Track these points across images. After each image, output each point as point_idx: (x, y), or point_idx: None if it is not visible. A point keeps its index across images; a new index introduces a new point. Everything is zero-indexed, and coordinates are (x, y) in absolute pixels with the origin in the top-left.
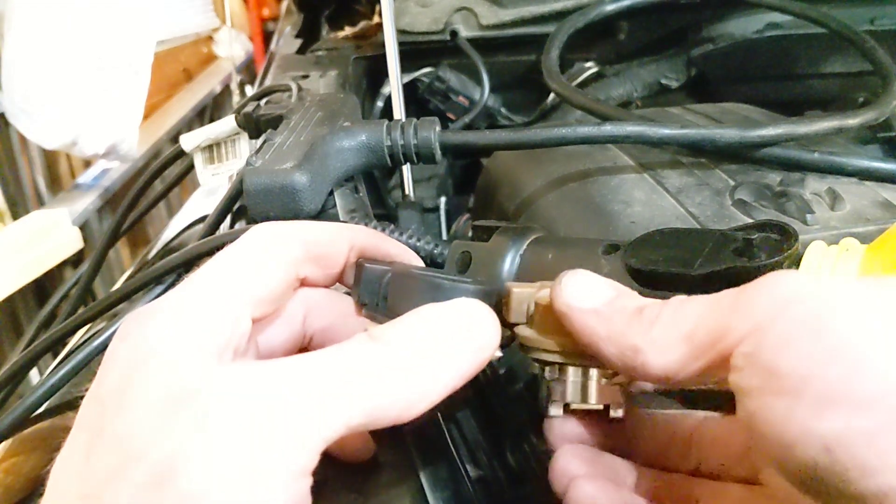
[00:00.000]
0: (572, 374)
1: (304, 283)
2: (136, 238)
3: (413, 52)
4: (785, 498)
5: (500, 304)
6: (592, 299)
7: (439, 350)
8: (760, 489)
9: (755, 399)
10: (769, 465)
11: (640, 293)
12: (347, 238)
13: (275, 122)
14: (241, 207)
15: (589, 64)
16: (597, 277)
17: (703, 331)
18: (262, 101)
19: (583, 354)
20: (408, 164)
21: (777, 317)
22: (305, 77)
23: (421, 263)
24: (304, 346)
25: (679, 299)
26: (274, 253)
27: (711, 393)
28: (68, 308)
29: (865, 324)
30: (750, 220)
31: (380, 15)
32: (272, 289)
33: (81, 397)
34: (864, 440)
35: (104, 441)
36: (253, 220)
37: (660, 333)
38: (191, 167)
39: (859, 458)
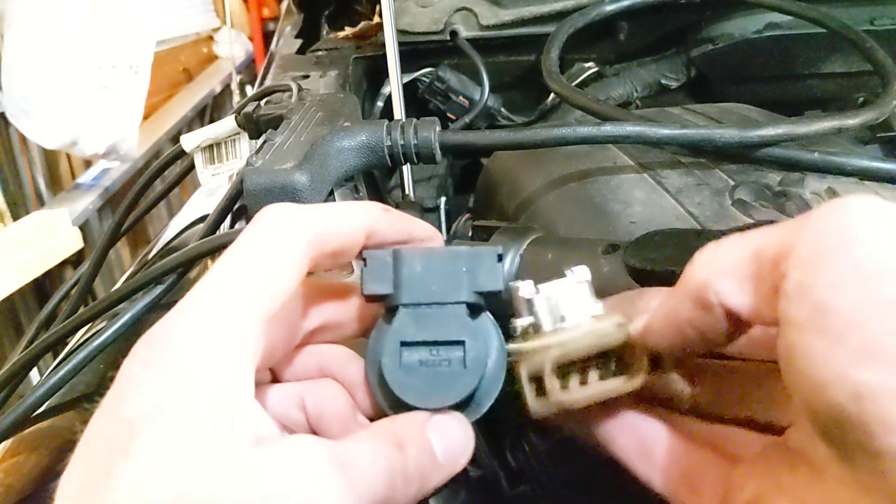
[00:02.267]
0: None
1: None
2: (136, 238)
3: (413, 52)
4: (803, 452)
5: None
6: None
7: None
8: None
9: (797, 332)
10: (796, 401)
11: None
12: (364, 226)
13: (275, 122)
14: (242, 207)
15: (589, 64)
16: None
17: (769, 249)
18: (263, 101)
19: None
20: (408, 164)
21: (836, 252)
22: (305, 77)
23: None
24: (306, 341)
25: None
26: (286, 261)
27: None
28: (68, 308)
29: None
30: (750, 220)
31: (380, 15)
32: (283, 298)
33: (80, 399)
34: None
35: (132, 463)
36: None
37: (724, 259)
38: (191, 167)
39: (887, 414)
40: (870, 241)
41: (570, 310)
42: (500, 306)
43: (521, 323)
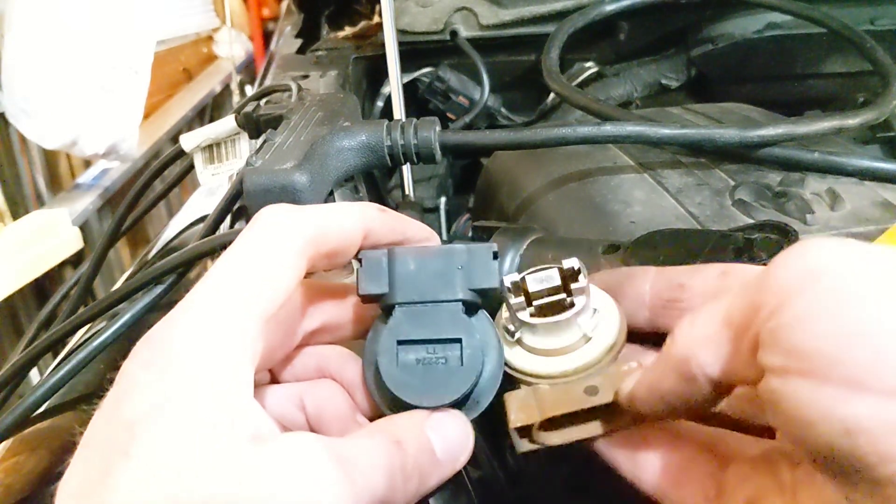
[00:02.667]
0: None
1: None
2: (136, 238)
3: (413, 52)
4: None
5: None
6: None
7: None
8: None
9: (777, 378)
10: (789, 441)
11: None
12: (361, 227)
13: (275, 122)
14: (241, 207)
15: (589, 64)
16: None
17: (738, 312)
18: (262, 101)
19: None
20: (408, 164)
21: (801, 291)
22: (305, 77)
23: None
24: (305, 342)
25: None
26: (284, 262)
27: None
28: (68, 308)
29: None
30: (750, 220)
31: (380, 15)
32: (282, 299)
33: (80, 399)
34: (887, 428)
35: (132, 463)
36: None
37: (700, 330)
38: (191, 167)
39: (880, 445)
40: (829, 271)
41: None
42: (497, 304)
43: (513, 301)
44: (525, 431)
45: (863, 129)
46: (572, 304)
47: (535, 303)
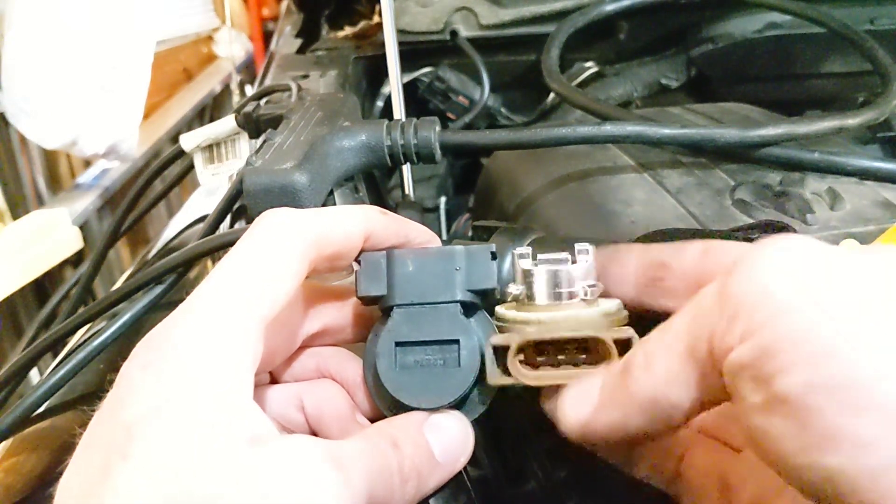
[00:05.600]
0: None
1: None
2: (136, 238)
3: (413, 52)
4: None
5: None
6: (584, 411)
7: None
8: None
9: (759, 416)
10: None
11: None
12: (363, 230)
13: (275, 121)
14: (241, 207)
15: (589, 64)
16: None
17: (699, 342)
18: (262, 101)
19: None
20: (408, 163)
21: (769, 327)
22: (305, 77)
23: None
24: (306, 344)
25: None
26: (286, 265)
27: None
28: (68, 308)
29: (871, 346)
30: (750, 220)
31: (380, 15)
32: (283, 301)
33: (80, 399)
34: (868, 479)
35: (130, 465)
36: (252, 221)
37: (662, 369)
38: (191, 167)
39: (862, 495)
40: (796, 307)
41: (566, 286)
42: (497, 304)
43: (513, 290)
44: (502, 361)
45: (863, 129)
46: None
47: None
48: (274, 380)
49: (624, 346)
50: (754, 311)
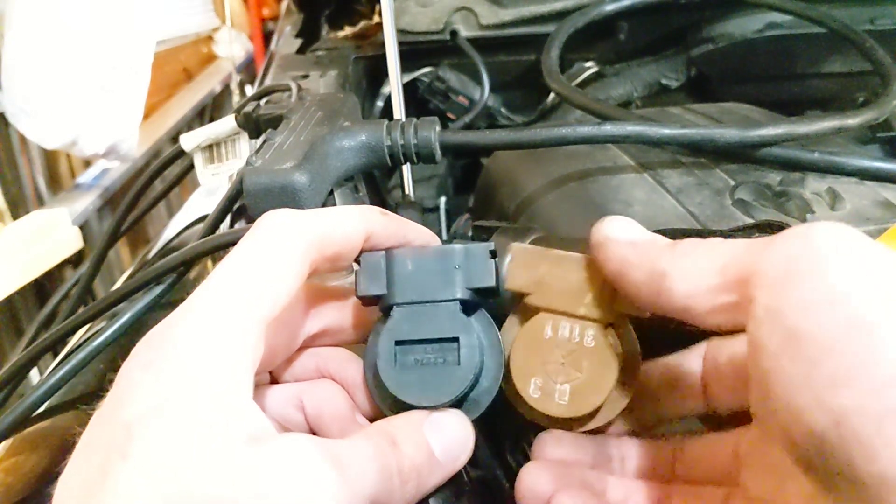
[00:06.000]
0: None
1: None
2: (136, 238)
3: (413, 52)
4: (767, 498)
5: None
6: (630, 234)
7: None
8: (741, 491)
9: (772, 358)
10: (773, 430)
11: None
12: (363, 230)
13: (275, 121)
14: (241, 207)
15: (589, 64)
16: (636, 223)
17: (734, 267)
18: (262, 101)
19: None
20: (408, 163)
21: (806, 276)
22: (305, 77)
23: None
24: (307, 345)
25: (717, 240)
26: (286, 265)
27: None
28: (68, 308)
29: (891, 301)
30: (750, 220)
31: (380, 15)
32: (284, 301)
33: (80, 399)
34: (874, 423)
35: (129, 464)
36: (253, 221)
37: (691, 263)
38: (191, 167)
39: (866, 440)
40: (837, 266)
41: None
42: (497, 303)
43: None
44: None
45: (863, 129)
46: None
47: None
48: (274, 380)
49: None
50: (791, 262)
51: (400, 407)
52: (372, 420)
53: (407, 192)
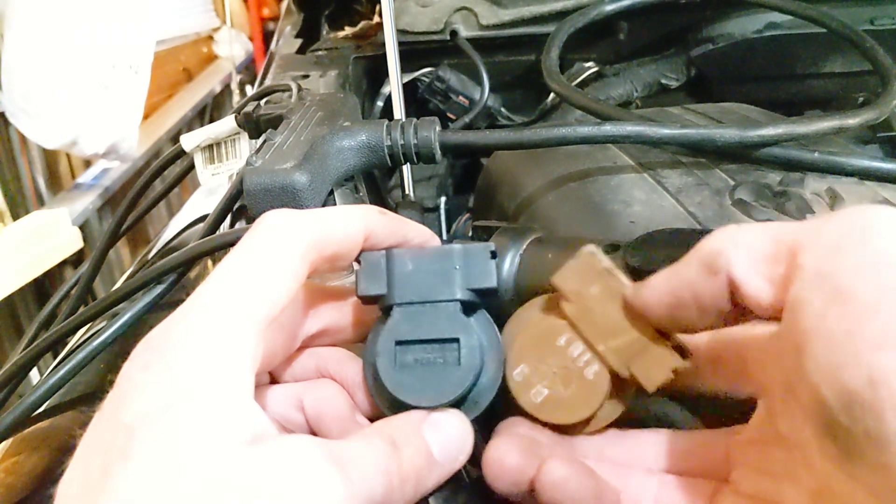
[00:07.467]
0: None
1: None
2: (136, 238)
3: (413, 52)
4: (760, 497)
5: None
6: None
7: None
8: (731, 486)
9: (817, 317)
10: (803, 392)
11: None
12: (362, 230)
13: (275, 121)
14: (241, 207)
15: (589, 64)
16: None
17: (787, 239)
18: (262, 101)
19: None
20: (408, 163)
21: (858, 242)
22: (305, 77)
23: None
24: (306, 345)
25: (763, 222)
26: (286, 265)
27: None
28: (68, 308)
29: None
30: (750, 220)
31: (380, 15)
32: (283, 302)
33: (80, 399)
34: None
35: (131, 465)
36: (252, 221)
37: (748, 235)
38: (191, 167)
39: None
40: (889, 233)
41: None
42: (497, 304)
43: None
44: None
45: (863, 129)
46: None
47: None
48: (274, 380)
49: None
50: (844, 233)
51: (399, 407)
52: (372, 420)
53: (407, 192)
